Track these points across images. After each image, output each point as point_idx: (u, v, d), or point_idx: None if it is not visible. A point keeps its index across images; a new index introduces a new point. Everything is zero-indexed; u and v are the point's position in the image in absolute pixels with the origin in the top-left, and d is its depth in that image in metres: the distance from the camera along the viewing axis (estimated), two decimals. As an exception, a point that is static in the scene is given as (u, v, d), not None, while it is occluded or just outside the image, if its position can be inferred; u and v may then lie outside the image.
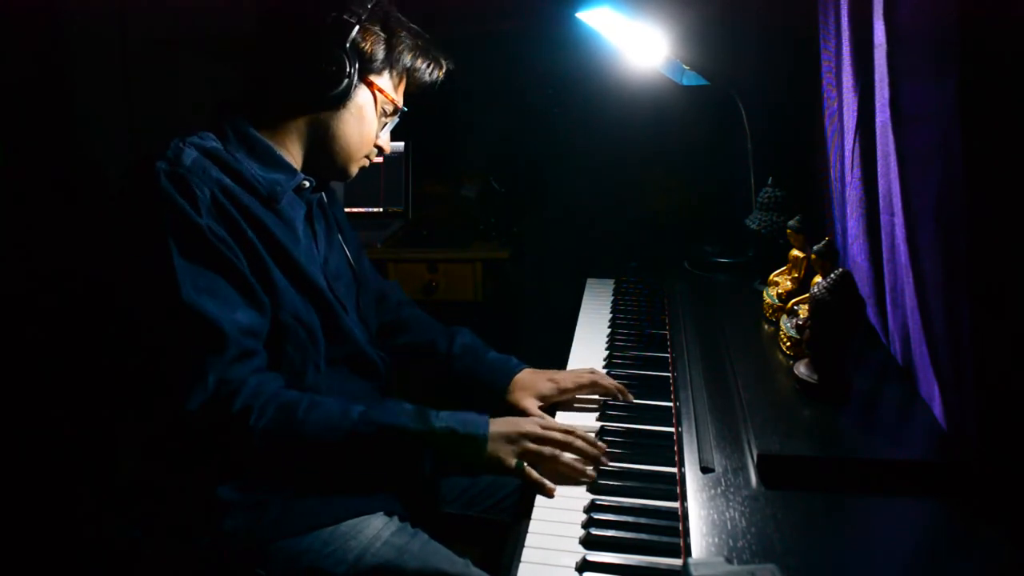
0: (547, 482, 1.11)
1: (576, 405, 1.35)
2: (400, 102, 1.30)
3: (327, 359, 1.25)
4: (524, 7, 2.38)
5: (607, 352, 1.54)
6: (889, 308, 1.22)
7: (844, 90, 1.36)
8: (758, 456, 1.01)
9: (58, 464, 2.22)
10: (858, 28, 1.26)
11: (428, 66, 1.30)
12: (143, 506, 1.19)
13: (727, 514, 0.94)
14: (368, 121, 1.26)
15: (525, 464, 1.14)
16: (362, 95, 1.24)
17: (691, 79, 1.77)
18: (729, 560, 0.85)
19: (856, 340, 1.16)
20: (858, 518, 0.95)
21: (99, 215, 1.23)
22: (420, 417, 1.15)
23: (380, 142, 1.31)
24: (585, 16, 1.72)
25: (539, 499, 1.08)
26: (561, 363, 1.51)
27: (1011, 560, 0.86)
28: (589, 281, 1.92)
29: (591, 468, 1.14)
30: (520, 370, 1.43)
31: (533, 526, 1.02)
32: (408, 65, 1.27)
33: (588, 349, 1.56)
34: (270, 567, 1.17)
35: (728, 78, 1.73)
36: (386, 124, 1.31)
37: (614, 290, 1.86)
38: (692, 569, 0.67)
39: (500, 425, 1.17)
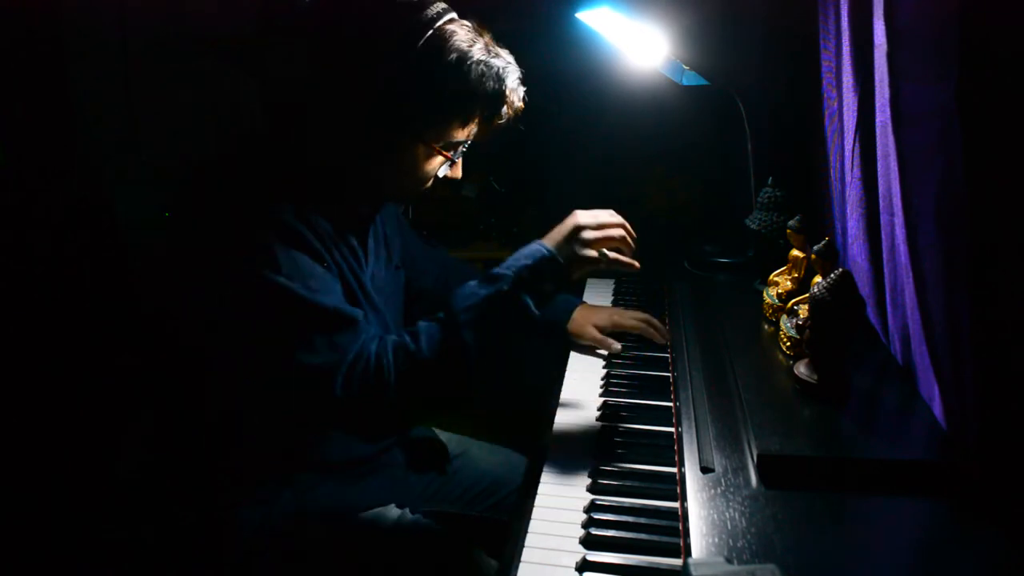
0: (633, 262, 1.23)
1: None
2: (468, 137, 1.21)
3: None
4: (524, 7, 2.38)
5: (607, 352, 1.54)
6: (889, 308, 1.22)
7: (844, 90, 1.36)
8: (758, 456, 1.01)
9: (64, 462, 2.22)
10: (858, 28, 1.25)
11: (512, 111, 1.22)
12: (150, 502, 1.20)
13: (727, 514, 0.94)
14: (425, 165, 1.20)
15: (606, 251, 1.20)
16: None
17: (691, 79, 1.77)
18: (729, 560, 0.85)
19: (856, 340, 1.16)
20: (858, 518, 0.95)
21: (174, 238, 1.17)
22: (492, 280, 1.15)
23: (447, 174, 1.24)
24: (585, 16, 1.72)
25: (539, 499, 1.08)
26: (561, 363, 1.51)
27: (1011, 560, 0.86)
28: (589, 281, 1.92)
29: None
30: (578, 305, 1.58)
31: (533, 526, 1.02)
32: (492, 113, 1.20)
33: (588, 348, 1.56)
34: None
35: (728, 78, 1.73)
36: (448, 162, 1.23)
37: (614, 290, 1.86)
38: (692, 569, 0.67)
39: (554, 236, 1.20)
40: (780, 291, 1.42)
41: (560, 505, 1.07)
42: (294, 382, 1.07)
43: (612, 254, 1.20)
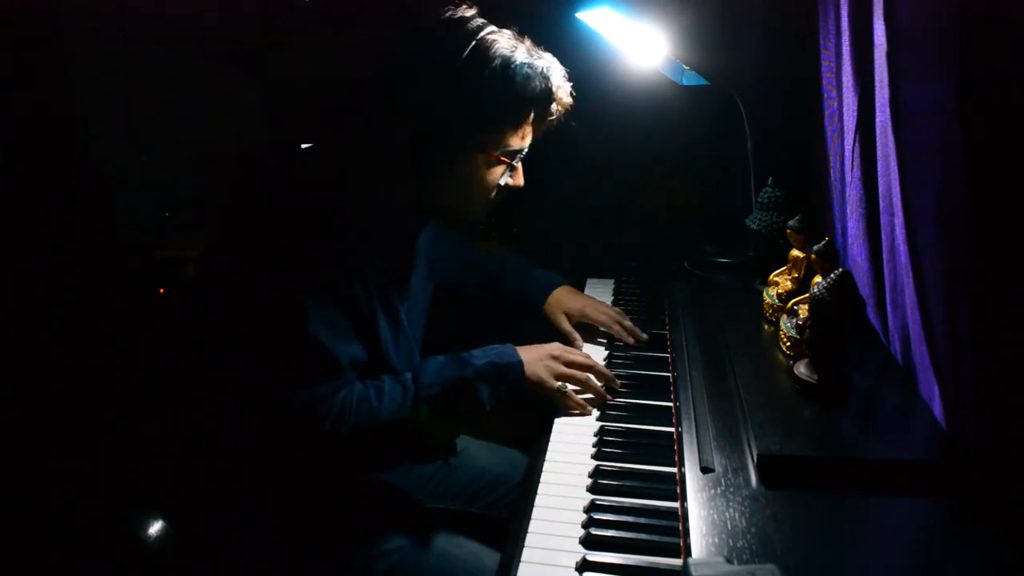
0: (587, 407, 1.29)
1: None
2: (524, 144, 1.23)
3: None
4: (524, 7, 2.37)
5: (607, 352, 1.54)
6: (889, 308, 1.22)
7: (844, 90, 1.36)
8: (758, 456, 1.01)
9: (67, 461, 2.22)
10: (858, 28, 1.25)
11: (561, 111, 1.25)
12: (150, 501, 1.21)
13: (727, 514, 0.94)
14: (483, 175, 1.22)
15: (567, 387, 1.28)
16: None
17: (691, 79, 1.77)
18: (729, 560, 0.85)
19: (856, 340, 1.16)
20: (858, 518, 0.95)
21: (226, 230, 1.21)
22: (460, 364, 1.23)
23: (509, 182, 1.26)
24: (585, 16, 1.72)
25: (539, 499, 1.08)
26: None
27: (1011, 560, 0.86)
28: (589, 281, 1.92)
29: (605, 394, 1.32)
30: (558, 286, 1.58)
31: (533, 526, 1.02)
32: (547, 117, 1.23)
33: (588, 348, 1.56)
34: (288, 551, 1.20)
35: (728, 78, 1.73)
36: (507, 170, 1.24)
37: (614, 290, 1.86)
38: (692, 569, 0.67)
39: (527, 351, 1.30)
40: (780, 291, 1.42)
41: (560, 505, 1.07)
42: (260, 400, 1.11)
43: (570, 391, 1.29)
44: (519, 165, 1.25)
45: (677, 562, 0.94)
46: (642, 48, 1.70)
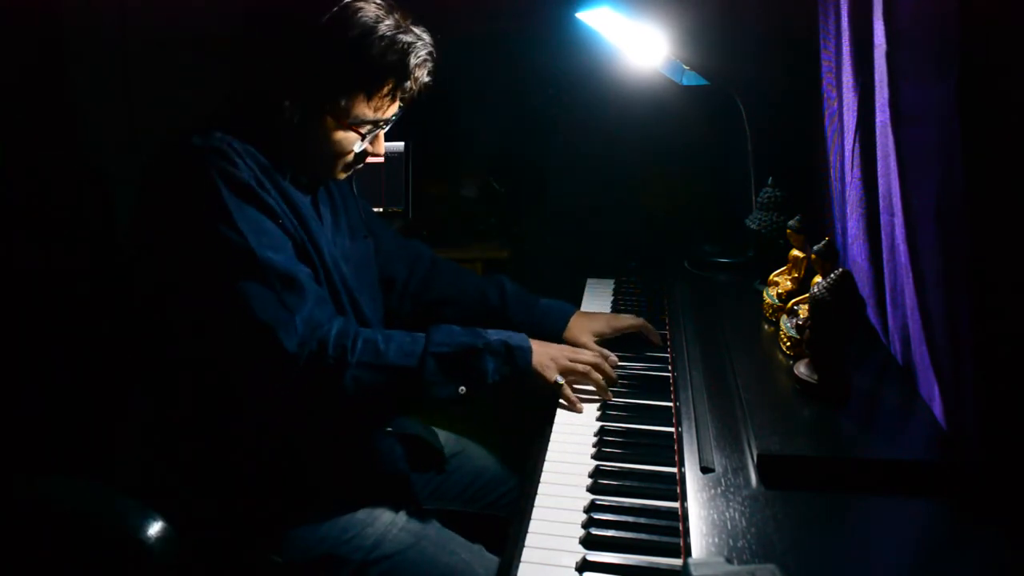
0: (578, 403, 1.29)
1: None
2: (385, 115, 1.25)
3: None
4: (524, 7, 2.38)
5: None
6: (889, 308, 1.22)
7: (844, 90, 1.36)
8: (758, 456, 1.01)
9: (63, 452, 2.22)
10: (858, 28, 1.26)
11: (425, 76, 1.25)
12: (158, 492, 1.20)
13: (727, 514, 0.94)
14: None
15: (564, 380, 1.30)
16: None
17: (691, 79, 1.77)
18: (729, 560, 0.85)
19: (856, 340, 1.16)
20: (858, 518, 0.95)
21: (139, 202, 1.20)
22: (474, 334, 1.25)
23: (367, 149, 1.27)
24: (585, 16, 1.72)
25: (539, 499, 1.08)
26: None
27: (1011, 560, 0.86)
28: (589, 281, 1.92)
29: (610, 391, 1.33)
30: (574, 312, 1.56)
31: (533, 526, 1.02)
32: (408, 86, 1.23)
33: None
34: (286, 554, 1.19)
35: (728, 78, 1.73)
36: (367, 136, 1.25)
37: (614, 290, 1.86)
38: (692, 569, 0.67)
39: (539, 343, 1.31)
40: (780, 291, 1.42)
41: (560, 505, 1.07)
42: (245, 338, 1.11)
43: (566, 386, 1.31)
44: (380, 134, 1.27)
45: (677, 562, 0.94)
46: (642, 48, 1.70)
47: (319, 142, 1.22)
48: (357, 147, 1.25)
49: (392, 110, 1.25)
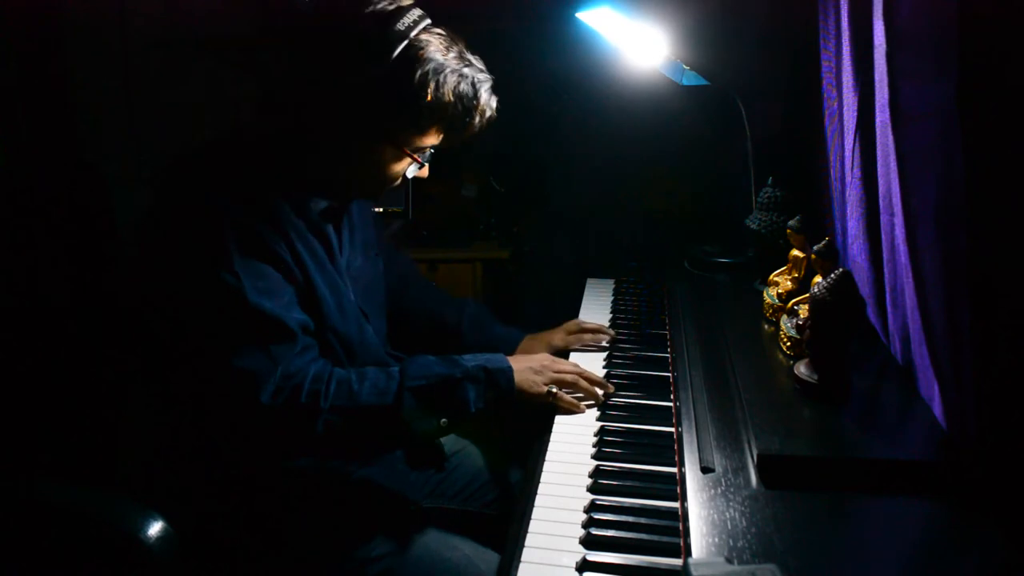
0: (578, 404, 1.30)
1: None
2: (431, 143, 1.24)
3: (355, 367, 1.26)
4: (524, 7, 2.38)
5: (607, 352, 1.54)
6: (889, 308, 1.22)
7: (844, 90, 1.36)
8: (758, 456, 1.01)
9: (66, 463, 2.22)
10: (858, 28, 1.26)
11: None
12: (158, 492, 1.20)
13: (727, 514, 0.94)
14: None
15: (556, 389, 1.29)
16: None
17: (691, 79, 1.77)
18: (729, 560, 0.85)
19: (856, 340, 1.16)
20: (858, 518, 0.95)
21: (145, 223, 1.21)
22: (451, 364, 1.23)
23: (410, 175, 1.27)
24: (585, 16, 1.72)
25: (539, 499, 1.08)
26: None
27: (1011, 560, 0.86)
28: (589, 281, 1.92)
29: (601, 393, 1.33)
30: (523, 337, 1.56)
31: (533, 526, 1.02)
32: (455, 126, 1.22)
33: (588, 354, 1.56)
34: (285, 554, 1.20)
35: (728, 78, 1.73)
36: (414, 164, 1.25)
37: (614, 290, 1.86)
38: (692, 569, 0.67)
39: (516, 360, 1.30)
40: (780, 291, 1.42)
41: (560, 505, 1.07)
42: (222, 383, 1.10)
43: (560, 393, 1.30)
44: (427, 162, 1.27)
45: (677, 562, 0.94)
46: (642, 48, 1.70)
47: (370, 166, 1.21)
48: (411, 172, 1.25)
49: (451, 139, 1.25)
